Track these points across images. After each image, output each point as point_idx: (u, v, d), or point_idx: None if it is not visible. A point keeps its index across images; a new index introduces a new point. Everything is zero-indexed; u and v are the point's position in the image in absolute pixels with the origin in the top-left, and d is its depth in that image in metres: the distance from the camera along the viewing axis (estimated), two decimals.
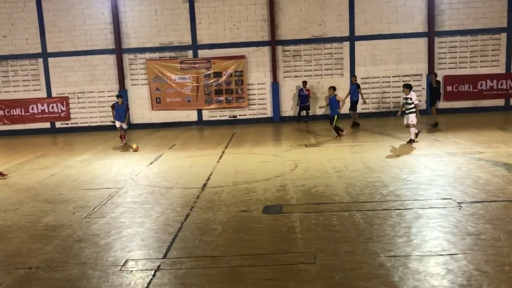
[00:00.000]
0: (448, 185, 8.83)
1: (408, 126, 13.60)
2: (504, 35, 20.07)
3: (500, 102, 20.51)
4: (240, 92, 20.89)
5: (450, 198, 7.91)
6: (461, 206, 7.48)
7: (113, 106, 16.17)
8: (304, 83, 19.65)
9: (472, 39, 20.18)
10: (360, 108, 19.56)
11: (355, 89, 17.96)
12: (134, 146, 15.14)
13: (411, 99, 13.44)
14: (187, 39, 20.71)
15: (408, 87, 13.79)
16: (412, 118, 13.45)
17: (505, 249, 5.79)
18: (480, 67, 20.34)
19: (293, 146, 14.18)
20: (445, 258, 5.63)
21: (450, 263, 5.49)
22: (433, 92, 17.17)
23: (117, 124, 16.13)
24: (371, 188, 8.82)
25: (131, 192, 9.60)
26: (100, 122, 21.16)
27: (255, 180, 9.97)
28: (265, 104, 21.03)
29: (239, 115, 21.15)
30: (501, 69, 20.29)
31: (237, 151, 13.87)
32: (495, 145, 12.47)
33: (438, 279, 5.12)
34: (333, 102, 14.93)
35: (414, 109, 13.42)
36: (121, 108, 15.97)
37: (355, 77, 18.56)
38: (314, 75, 20.28)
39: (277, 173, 10.53)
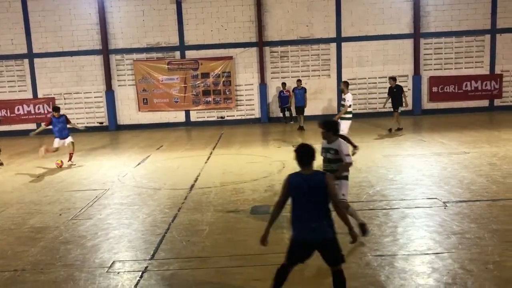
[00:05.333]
0: (434, 185, 8.92)
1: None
2: (488, 37, 20.32)
3: (484, 102, 20.76)
4: (227, 93, 20.88)
5: (435, 198, 8.00)
6: (446, 206, 7.57)
7: (49, 121, 13.03)
8: (284, 84, 19.72)
9: (457, 40, 20.40)
10: None
11: (302, 94, 18.33)
12: (59, 162, 12.66)
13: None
14: (174, 40, 20.65)
15: None
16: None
17: (489, 248, 5.88)
18: (465, 68, 20.57)
19: (280, 147, 14.22)
20: (431, 257, 5.70)
21: (435, 262, 5.55)
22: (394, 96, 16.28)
23: (56, 143, 12.92)
24: (357, 188, 8.88)
25: (118, 194, 9.55)
26: (87, 123, 20.99)
27: (243, 181, 9.98)
28: (253, 105, 21.05)
29: (227, 116, 21.15)
30: (485, 70, 20.55)
31: (225, 152, 13.87)
32: (479, 145, 12.63)
33: (423, 278, 5.19)
34: None
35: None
36: (59, 122, 12.89)
37: (300, 81, 18.91)
38: (302, 76, 20.32)
39: (265, 174, 10.56)
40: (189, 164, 12.32)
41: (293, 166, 11.41)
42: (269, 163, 11.84)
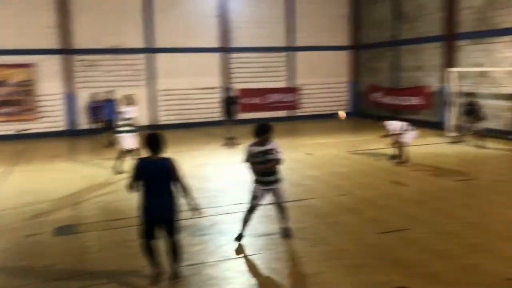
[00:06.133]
0: (241, 191, 9.38)
1: None
2: (287, 54, 22.49)
3: (285, 113, 22.81)
4: (29, 103, 18.97)
5: (243, 203, 8.40)
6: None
7: None
8: (93, 95, 18.69)
9: (261, 55, 22.04)
10: (162, 118, 19.68)
11: (112, 106, 16.00)
12: None
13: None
14: None
15: None
16: None
17: (292, 246, 6.42)
18: (269, 81, 22.35)
19: (89, 161, 13.42)
20: (239, 261, 5.97)
21: (244, 265, 5.83)
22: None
23: None
24: None
25: None
26: None
27: (45, 200, 9.12)
28: (59, 116, 19.50)
29: (29, 129, 19.15)
30: (285, 84, 22.67)
31: (25, 169, 12.50)
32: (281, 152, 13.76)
33: (232, 283, 5.39)
34: None
35: None
36: None
37: (111, 92, 17.24)
38: (114, 87, 19.54)
39: (72, 190, 9.83)
40: None
41: (101, 181, 10.94)
42: (78, 178, 11.05)
